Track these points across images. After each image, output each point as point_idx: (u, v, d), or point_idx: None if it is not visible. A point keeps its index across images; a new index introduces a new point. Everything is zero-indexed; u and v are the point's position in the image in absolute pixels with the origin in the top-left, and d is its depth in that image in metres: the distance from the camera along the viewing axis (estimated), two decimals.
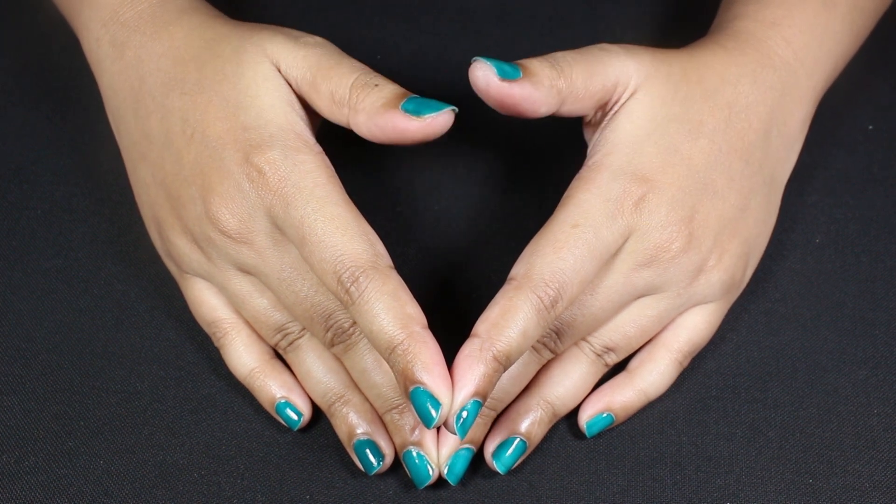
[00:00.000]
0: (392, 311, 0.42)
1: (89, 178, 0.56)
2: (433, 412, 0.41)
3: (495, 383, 0.42)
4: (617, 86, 0.46)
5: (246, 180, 0.44)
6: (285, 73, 0.46)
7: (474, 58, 0.44)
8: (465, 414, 0.41)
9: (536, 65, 0.45)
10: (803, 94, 0.49)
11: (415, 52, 0.60)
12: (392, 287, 0.42)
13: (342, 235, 0.43)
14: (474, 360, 0.42)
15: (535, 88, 0.44)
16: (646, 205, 0.44)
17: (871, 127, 0.57)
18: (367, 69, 0.46)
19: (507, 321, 0.42)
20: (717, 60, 0.48)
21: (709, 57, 0.48)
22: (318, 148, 0.45)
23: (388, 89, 0.45)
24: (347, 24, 0.61)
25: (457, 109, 0.44)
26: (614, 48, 0.47)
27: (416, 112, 0.44)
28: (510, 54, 0.59)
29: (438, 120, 0.44)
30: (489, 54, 0.60)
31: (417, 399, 0.41)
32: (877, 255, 0.53)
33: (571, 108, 0.46)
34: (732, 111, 0.47)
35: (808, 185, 0.55)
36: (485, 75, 0.44)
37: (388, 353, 0.42)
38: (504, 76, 0.44)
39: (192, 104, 0.46)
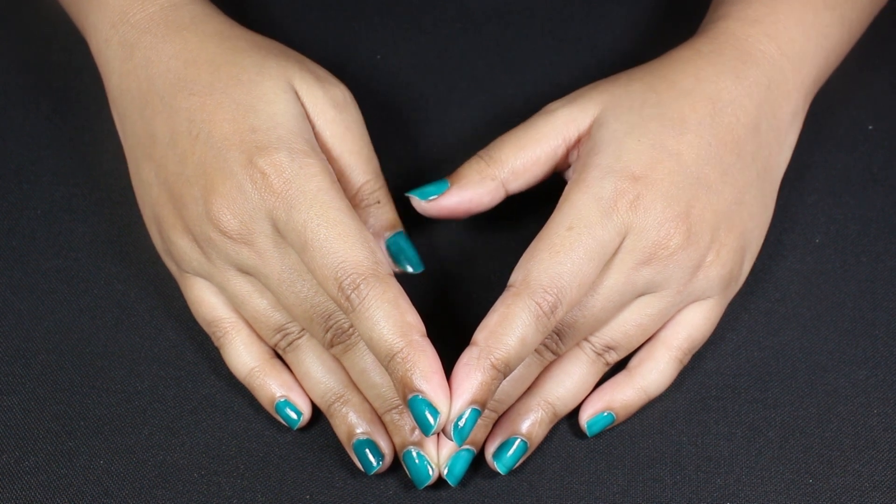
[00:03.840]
0: (392, 318, 0.42)
1: (89, 178, 0.56)
2: (431, 420, 0.41)
3: (494, 391, 0.42)
4: (568, 139, 0.48)
5: (249, 182, 0.44)
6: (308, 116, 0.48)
7: (406, 193, 0.49)
8: (462, 422, 0.42)
9: (465, 166, 0.49)
10: (792, 87, 0.49)
11: (415, 52, 0.60)
12: (392, 295, 0.42)
13: (343, 242, 0.43)
14: (472, 369, 0.42)
15: (464, 190, 0.48)
16: (640, 202, 0.44)
17: (871, 127, 0.57)
18: (377, 172, 0.50)
19: (506, 329, 0.42)
20: (688, 66, 0.48)
21: (679, 63, 0.49)
22: (323, 156, 0.46)
23: (385, 214, 0.50)
24: (347, 24, 0.61)
25: (423, 269, 0.50)
26: (557, 105, 0.49)
27: (395, 256, 0.50)
28: (510, 54, 0.60)
29: (405, 272, 0.50)
30: (489, 54, 0.60)
31: (416, 407, 0.41)
32: (877, 255, 0.53)
33: (521, 184, 0.49)
34: (716, 106, 0.47)
35: (808, 185, 0.55)
36: (417, 205, 0.49)
37: (388, 361, 0.42)
38: (426, 197, 0.48)
39: (199, 105, 0.46)
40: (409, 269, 0.50)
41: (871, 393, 0.49)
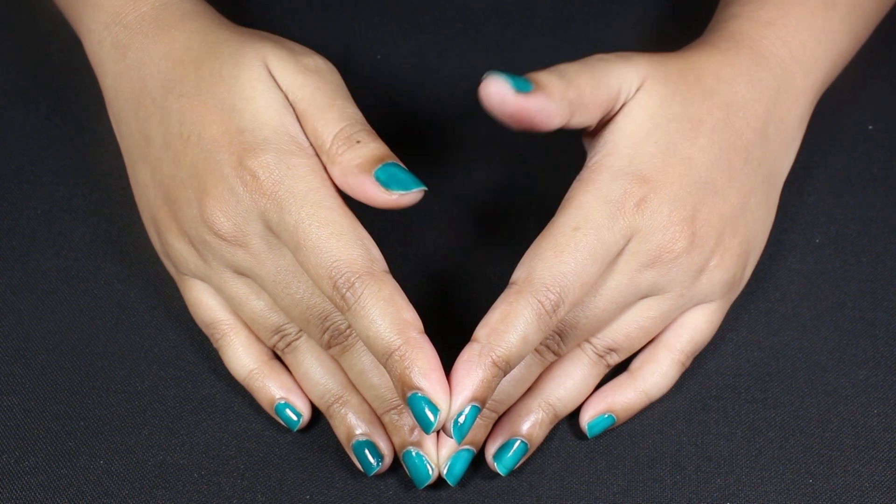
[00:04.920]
0: (388, 316, 0.42)
1: (89, 178, 0.56)
2: (431, 417, 0.41)
3: (495, 388, 0.42)
4: (620, 93, 0.46)
5: (240, 184, 0.44)
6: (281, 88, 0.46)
7: (487, 73, 0.43)
8: (462, 419, 0.42)
9: (546, 77, 0.44)
10: (800, 92, 0.49)
11: (415, 52, 0.60)
12: (388, 292, 0.42)
13: (337, 240, 0.43)
14: (473, 365, 0.42)
15: (548, 101, 0.43)
16: (647, 205, 0.44)
17: (871, 127, 0.57)
18: (355, 118, 0.46)
19: (508, 326, 0.42)
20: (711, 61, 0.48)
21: (703, 58, 0.48)
22: (312, 151, 0.45)
23: (368, 149, 0.44)
24: (347, 24, 0.61)
25: (426, 189, 0.44)
26: (610, 57, 0.46)
27: (386, 185, 0.44)
28: (510, 54, 0.60)
29: (406, 198, 0.44)
30: (489, 54, 0.60)
31: (415, 405, 0.41)
32: (877, 255, 0.53)
33: (580, 120, 0.45)
34: (730, 110, 0.47)
35: (808, 185, 0.55)
36: (499, 90, 0.42)
37: (386, 359, 0.42)
38: (519, 89, 0.43)
39: (189, 106, 0.46)
40: (409, 190, 0.44)
41: (871, 393, 0.49)
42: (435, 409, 0.41)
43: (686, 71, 0.47)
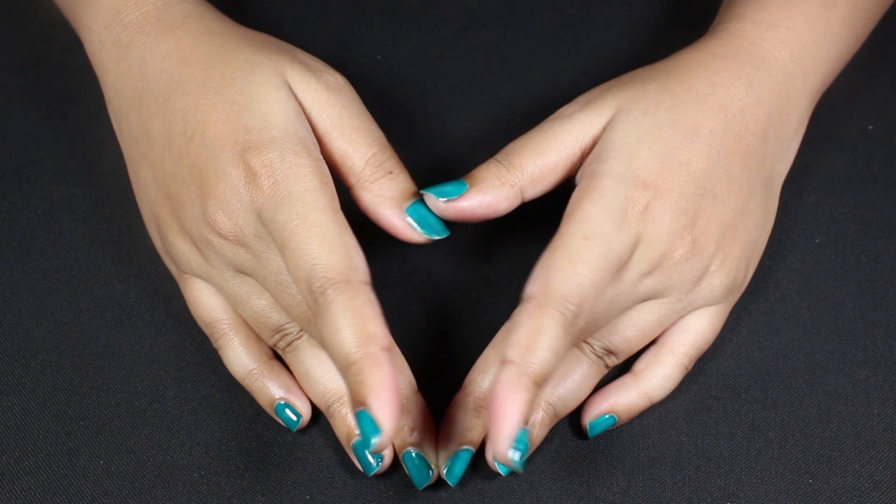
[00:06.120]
0: (353, 327, 0.41)
1: (89, 178, 0.56)
2: (373, 439, 0.40)
3: (536, 407, 0.41)
4: (581, 141, 0.47)
5: (242, 182, 0.44)
6: (302, 105, 0.47)
7: (421, 191, 0.47)
8: (520, 445, 0.40)
9: (483, 170, 0.47)
10: (800, 95, 0.49)
11: (415, 52, 0.60)
12: (359, 303, 0.41)
13: (319, 245, 0.42)
14: (515, 387, 0.40)
15: (483, 195, 0.46)
16: (650, 212, 0.44)
17: (871, 127, 0.57)
18: (383, 143, 0.48)
19: (539, 343, 0.41)
20: (704, 67, 0.48)
21: (694, 66, 0.48)
22: (319, 156, 0.45)
23: (400, 184, 0.47)
24: (348, 24, 0.61)
25: (449, 233, 0.47)
26: (572, 108, 0.48)
27: (418, 224, 0.47)
28: (510, 54, 0.60)
29: (432, 239, 0.47)
30: (489, 54, 0.60)
31: (361, 421, 0.40)
32: (877, 255, 0.53)
33: (537, 190, 0.47)
34: (728, 114, 0.47)
35: (808, 185, 0.55)
36: (432, 204, 0.46)
37: (344, 370, 0.41)
38: (444, 196, 0.46)
39: (194, 105, 0.46)
40: (437, 236, 0.47)
41: (871, 393, 0.49)
42: (377, 431, 0.40)
43: (670, 84, 0.47)
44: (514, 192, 0.47)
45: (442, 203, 0.46)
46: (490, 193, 0.46)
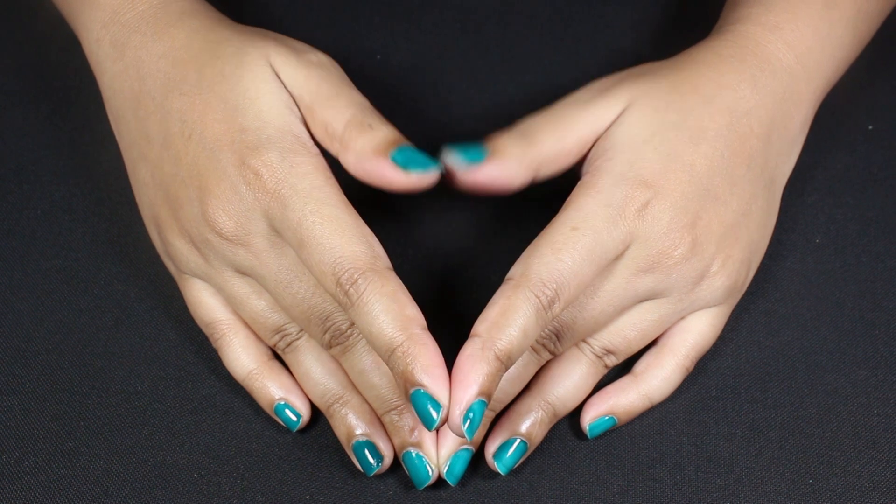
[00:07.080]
0: (391, 312, 0.42)
1: (89, 178, 0.56)
2: (434, 414, 0.41)
3: (498, 382, 0.42)
4: (593, 132, 0.46)
5: (242, 182, 0.44)
6: (285, 86, 0.46)
7: (444, 148, 0.45)
8: (471, 415, 0.41)
9: (504, 141, 0.46)
10: (804, 97, 0.49)
11: (415, 52, 0.60)
12: (391, 289, 0.42)
13: (340, 237, 0.43)
14: (477, 360, 0.42)
15: (504, 167, 0.45)
16: (649, 211, 0.44)
17: (871, 127, 0.57)
18: (364, 105, 0.46)
19: (508, 320, 0.42)
20: (711, 68, 0.48)
21: (701, 66, 0.48)
22: (316, 150, 0.45)
23: (381, 133, 0.45)
24: (348, 24, 0.61)
25: (444, 169, 0.45)
26: (588, 95, 0.47)
27: (404, 165, 0.44)
28: (510, 54, 0.60)
29: (424, 178, 0.45)
30: (489, 54, 0.60)
31: (418, 401, 0.41)
32: (877, 255, 0.53)
33: (549, 171, 0.47)
34: (734, 116, 0.47)
35: (808, 185, 0.55)
36: (452, 166, 0.45)
37: (388, 356, 0.42)
38: (472, 160, 0.45)
39: (190, 105, 0.46)
40: (426, 170, 0.45)
41: (871, 393, 0.49)
42: (437, 406, 0.41)
43: (680, 83, 0.47)
44: (531, 171, 0.46)
45: (463, 167, 0.45)
46: (511, 167, 0.45)
